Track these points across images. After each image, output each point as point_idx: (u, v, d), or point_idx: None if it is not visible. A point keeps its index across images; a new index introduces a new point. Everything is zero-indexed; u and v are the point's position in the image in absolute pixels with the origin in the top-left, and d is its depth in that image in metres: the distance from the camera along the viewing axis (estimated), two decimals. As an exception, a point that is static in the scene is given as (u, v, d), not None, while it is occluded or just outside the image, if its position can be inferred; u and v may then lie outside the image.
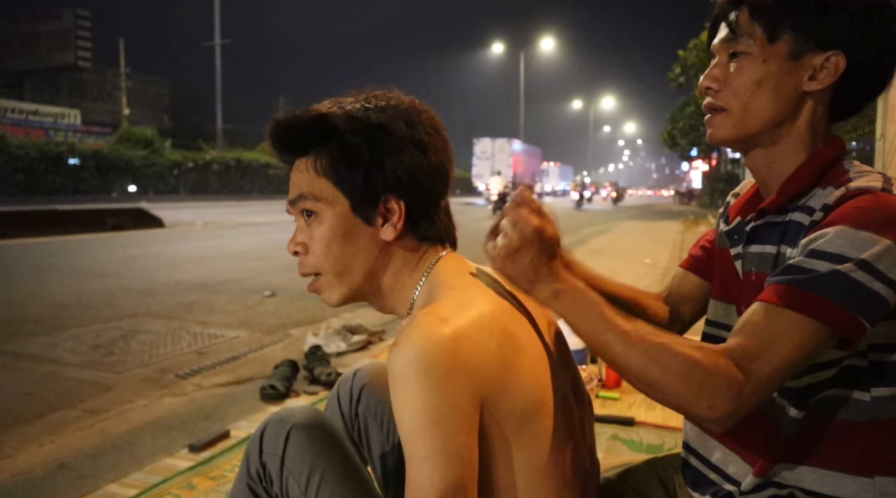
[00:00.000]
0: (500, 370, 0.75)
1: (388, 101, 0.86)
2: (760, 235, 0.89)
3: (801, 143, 0.86)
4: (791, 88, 0.84)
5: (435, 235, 0.88)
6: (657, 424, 2.14)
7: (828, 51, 0.81)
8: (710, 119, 0.90)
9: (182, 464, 1.86)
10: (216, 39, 31.72)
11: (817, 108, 0.86)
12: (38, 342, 3.56)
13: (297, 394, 2.58)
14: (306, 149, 0.86)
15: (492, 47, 51.33)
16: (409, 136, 0.83)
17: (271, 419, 0.95)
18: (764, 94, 0.84)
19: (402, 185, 0.83)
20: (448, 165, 0.88)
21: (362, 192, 0.83)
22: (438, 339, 0.70)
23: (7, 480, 1.79)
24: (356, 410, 1.15)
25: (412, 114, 0.85)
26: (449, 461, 0.68)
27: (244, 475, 0.96)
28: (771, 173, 0.89)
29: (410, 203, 0.84)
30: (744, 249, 0.92)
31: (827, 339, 0.72)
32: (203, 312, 4.45)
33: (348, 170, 0.83)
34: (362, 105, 0.85)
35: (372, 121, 0.83)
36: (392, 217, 0.84)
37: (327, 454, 0.90)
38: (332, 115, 0.84)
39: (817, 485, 0.82)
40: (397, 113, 0.84)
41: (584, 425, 0.89)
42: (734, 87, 0.86)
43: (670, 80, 23.01)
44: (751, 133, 0.87)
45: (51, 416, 2.45)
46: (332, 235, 0.85)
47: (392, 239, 0.85)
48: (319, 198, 0.85)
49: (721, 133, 0.89)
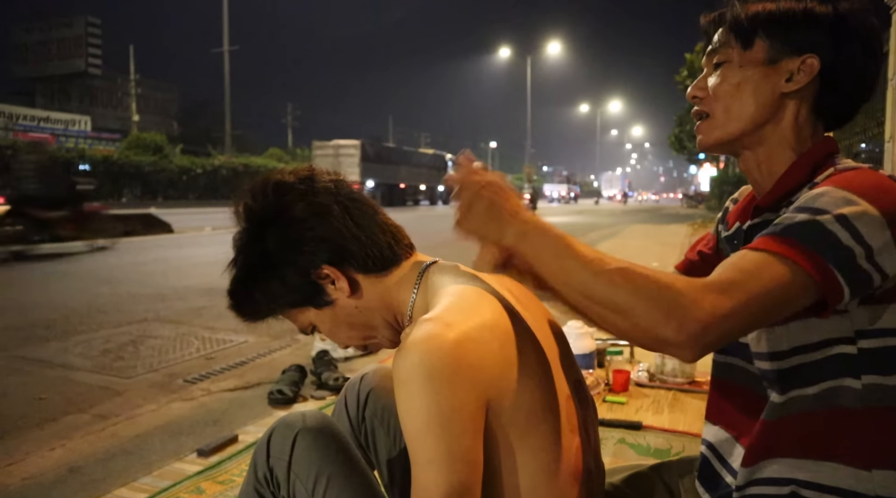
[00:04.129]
0: (504, 372, 0.76)
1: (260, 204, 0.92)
2: (754, 236, 0.90)
3: (787, 144, 0.90)
4: (769, 90, 0.88)
5: (385, 257, 0.92)
6: (664, 428, 2.13)
7: (802, 55, 0.86)
8: (699, 126, 0.96)
9: (191, 468, 1.87)
10: (225, 46, 31.92)
11: (800, 110, 0.89)
12: (49, 347, 3.59)
13: (304, 399, 2.59)
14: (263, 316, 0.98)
15: (498, 52, 51.35)
16: (296, 223, 0.89)
17: (278, 424, 0.96)
18: (743, 96, 0.89)
19: (319, 256, 0.89)
20: (327, 210, 0.90)
21: (303, 294, 0.92)
22: (442, 343, 0.71)
23: (18, 484, 1.81)
24: (363, 414, 1.16)
25: (284, 201, 0.90)
26: (454, 464, 0.69)
27: (252, 479, 0.97)
28: (762, 174, 0.92)
29: (336, 261, 0.90)
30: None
31: (801, 287, 0.71)
32: (212, 317, 4.46)
33: (283, 294, 0.92)
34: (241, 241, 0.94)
35: (253, 248, 0.92)
36: (337, 282, 0.90)
37: (334, 459, 0.91)
38: (240, 290, 0.95)
39: (814, 476, 0.81)
40: (275, 206, 0.90)
41: (587, 427, 0.89)
42: (716, 93, 0.91)
43: (677, 83, 22.96)
44: (734, 134, 0.91)
45: (62, 420, 2.47)
46: (331, 328, 0.96)
47: (351, 293, 0.91)
48: (305, 323, 0.97)
49: (707, 138, 0.94)
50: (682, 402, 2.37)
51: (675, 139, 29.30)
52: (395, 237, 0.94)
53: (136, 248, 9.46)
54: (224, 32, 31.64)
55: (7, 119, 32.94)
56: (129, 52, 44.70)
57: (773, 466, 0.84)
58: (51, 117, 36.16)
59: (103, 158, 26.93)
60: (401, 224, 0.98)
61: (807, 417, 0.82)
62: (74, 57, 46.87)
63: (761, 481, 0.85)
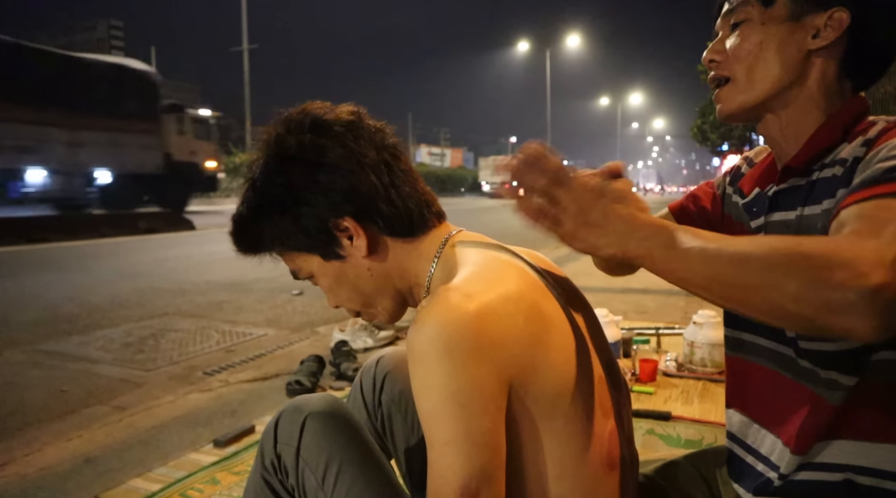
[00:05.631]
0: (529, 348, 0.68)
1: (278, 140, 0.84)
2: (783, 201, 0.84)
3: (814, 104, 0.83)
4: (794, 48, 0.82)
5: (414, 222, 0.84)
6: (695, 418, 2.05)
7: (829, 9, 0.79)
8: (718, 93, 0.89)
9: (206, 459, 1.84)
10: (244, 44, 32.17)
11: (828, 68, 0.82)
12: (72, 341, 3.62)
13: (322, 390, 2.55)
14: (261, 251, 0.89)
15: (517, 45, 51.03)
16: (311, 164, 0.81)
17: (286, 408, 0.90)
18: (767, 56, 0.83)
19: (343, 207, 0.81)
20: (360, 162, 0.81)
21: (315, 241, 0.83)
22: (461, 314, 0.64)
23: (35, 474, 1.79)
24: (379, 399, 1.11)
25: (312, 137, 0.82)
26: (473, 447, 0.62)
27: (259, 467, 0.91)
28: (786, 138, 0.85)
29: (362, 217, 0.82)
30: (766, 220, 0.86)
31: None
32: (232, 310, 4.47)
33: (293, 234, 0.84)
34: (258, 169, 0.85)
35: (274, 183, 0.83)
36: (355, 238, 0.83)
37: (345, 445, 0.85)
38: (248, 218, 0.86)
39: (874, 461, 0.73)
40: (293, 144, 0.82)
41: (621, 412, 0.81)
42: (737, 55, 0.85)
43: (699, 72, 22.57)
44: (760, 98, 0.84)
45: (82, 412, 2.47)
46: (331, 284, 0.88)
47: (367, 253, 0.83)
48: (303, 269, 0.89)
49: (730, 104, 0.87)
50: (713, 392, 2.28)
51: (698, 131, 28.82)
52: (427, 203, 0.86)
53: (158, 244, 9.56)
54: (243, 31, 31.88)
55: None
56: (151, 53, 45.31)
57: (828, 451, 0.76)
58: (76, 119, 36.78)
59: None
60: None
61: (869, 397, 0.74)
62: (98, 59, 47.64)
63: (811, 467, 0.77)
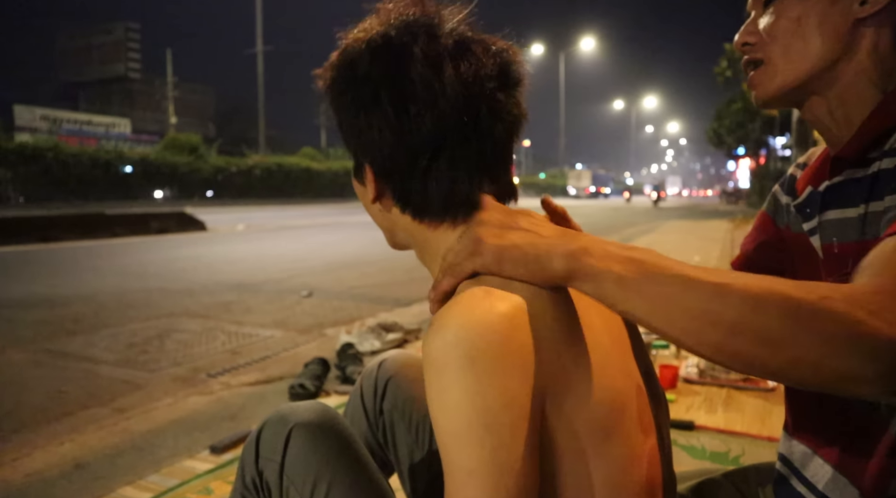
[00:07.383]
0: (560, 355, 0.57)
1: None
2: (838, 197, 0.73)
3: (867, 80, 0.72)
4: (839, 18, 0.72)
5: (447, 206, 0.65)
6: (720, 428, 1.92)
7: None
8: (752, 78, 0.79)
9: (201, 466, 1.75)
10: (258, 46, 32.33)
11: (880, 37, 0.72)
12: (76, 341, 3.56)
13: (327, 393, 2.45)
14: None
15: (531, 48, 50.93)
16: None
17: (270, 418, 0.80)
18: (806, 31, 0.73)
19: (368, 152, 0.66)
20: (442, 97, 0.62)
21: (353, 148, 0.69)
22: (486, 316, 0.53)
23: (21, 481, 1.70)
24: (381, 406, 1.00)
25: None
26: (502, 477, 0.50)
27: (239, 485, 0.80)
28: (837, 122, 0.75)
29: (380, 172, 0.67)
30: (819, 219, 0.75)
31: None
32: (239, 311, 4.40)
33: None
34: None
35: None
36: (366, 180, 0.69)
37: (336, 460, 0.74)
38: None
39: None
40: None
41: (661, 429, 0.69)
42: (772, 33, 0.75)
43: (716, 75, 22.29)
44: (801, 79, 0.74)
45: (79, 414, 2.39)
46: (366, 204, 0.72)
47: (375, 200, 0.69)
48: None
49: (766, 88, 0.77)
50: (738, 400, 2.15)
51: (714, 134, 28.53)
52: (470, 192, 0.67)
53: (169, 244, 9.55)
54: (258, 33, 32.03)
55: (52, 123, 34.01)
56: (167, 56, 45.70)
57: None
58: (93, 121, 37.30)
59: (140, 159, 27.65)
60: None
61: None
62: (115, 62, 48.33)
63: None
